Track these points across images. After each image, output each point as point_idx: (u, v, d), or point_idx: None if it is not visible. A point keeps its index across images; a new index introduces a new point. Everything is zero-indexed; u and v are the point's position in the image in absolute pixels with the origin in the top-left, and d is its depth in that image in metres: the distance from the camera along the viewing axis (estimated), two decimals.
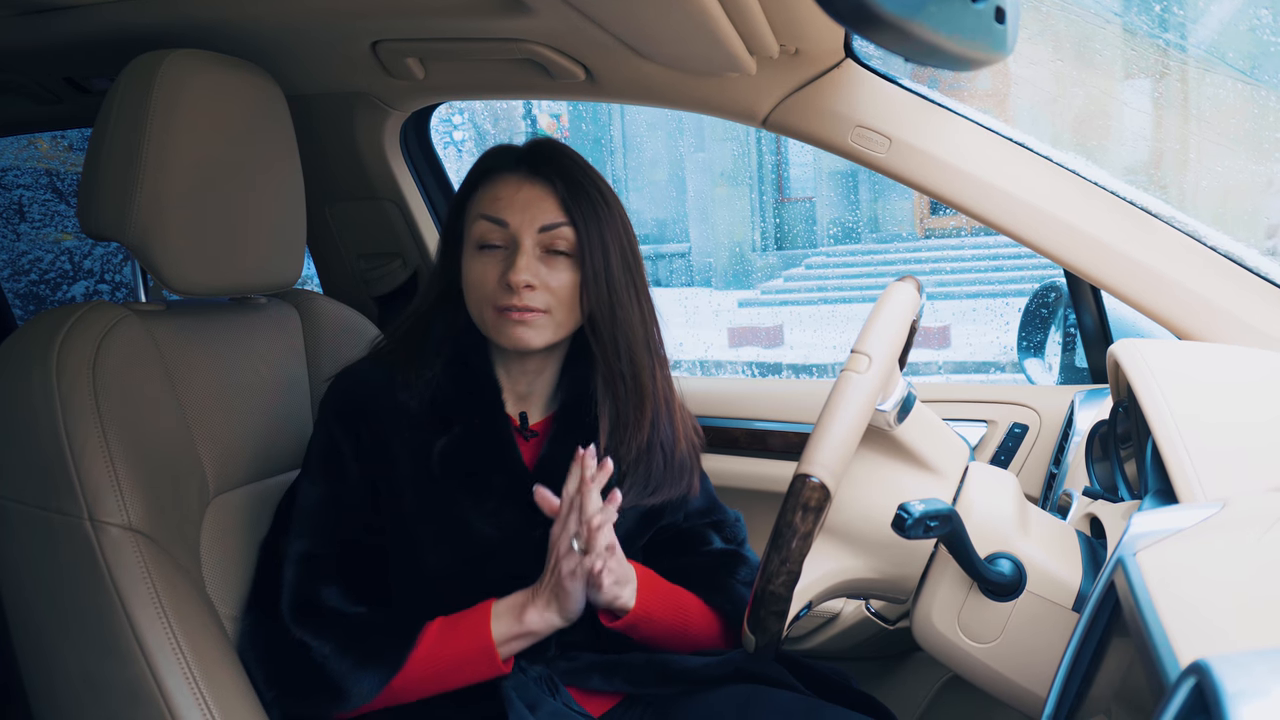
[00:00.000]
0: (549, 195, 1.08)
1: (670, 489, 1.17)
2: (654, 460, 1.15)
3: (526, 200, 1.07)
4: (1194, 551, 0.61)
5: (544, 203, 1.07)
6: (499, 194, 1.08)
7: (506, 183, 1.09)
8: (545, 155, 1.10)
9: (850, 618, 1.56)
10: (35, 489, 1.01)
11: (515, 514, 1.09)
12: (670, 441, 1.16)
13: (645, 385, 1.12)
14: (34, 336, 1.04)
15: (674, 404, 1.18)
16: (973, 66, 0.54)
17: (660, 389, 1.15)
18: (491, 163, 1.12)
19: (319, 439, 1.11)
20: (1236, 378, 1.01)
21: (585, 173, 1.11)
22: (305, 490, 1.11)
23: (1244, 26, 7.52)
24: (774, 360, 9.22)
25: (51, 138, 4.22)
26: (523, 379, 1.15)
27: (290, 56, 1.35)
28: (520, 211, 1.07)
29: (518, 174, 1.09)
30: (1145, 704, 0.52)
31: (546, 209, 1.07)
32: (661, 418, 1.15)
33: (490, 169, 1.11)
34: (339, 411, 1.10)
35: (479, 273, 1.08)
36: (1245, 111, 7.53)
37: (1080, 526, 0.98)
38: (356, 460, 1.09)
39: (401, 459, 1.09)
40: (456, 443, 1.09)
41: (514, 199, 1.07)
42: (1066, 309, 1.69)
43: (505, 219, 1.07)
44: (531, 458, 1.14)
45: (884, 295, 0.92)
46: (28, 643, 1.04)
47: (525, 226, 1.06)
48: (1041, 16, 6.17)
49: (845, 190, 12.03)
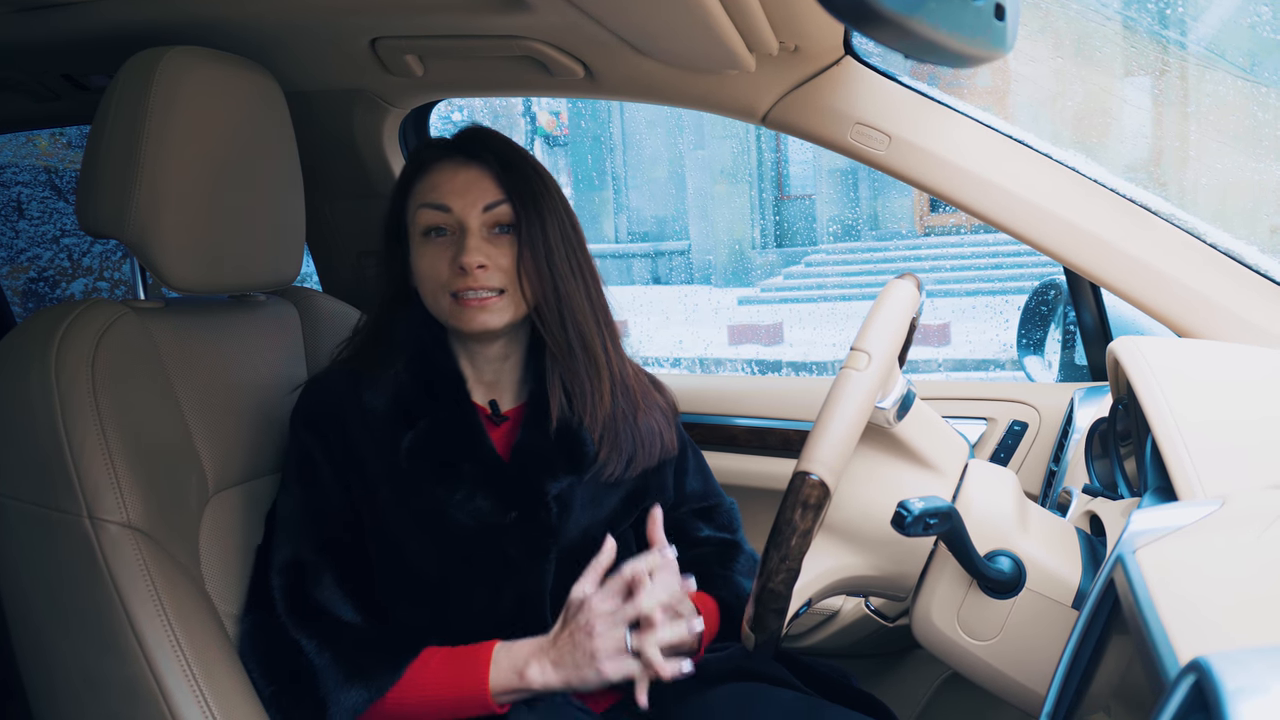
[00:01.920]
0: (486, 175, 1.09)
1: (646, 456, 1.18)
2: (621, 430, 1.15)
3: (466, 183, 1.09)
4: (1193, 549, 0.61)
5: (483, 183, 1.09)
6: (437, 182, 1.10)
7: (443, 170, 1.10)
8: (478, 139, 1.12)
9: (850, 615, 1.56)
10: (34, 487, 1.00)
11: (488, 500, 1.10)
12: (632, 409, 1.17)
13: (598, 356, 1.13)
14: (32, 334, 1.04)
15: (628, 373, 1.19)
16: (973, 63, 0.54)
17: (614, 359, 1.16)
18: (425, 155, 1.13)
19: (292, 449, 1.13)
20: (1236, 375, 1.01)
21: (518, 153, 1.13)
22: (283, 501, 1.12)
23: (1244, 23, 7.52)
24: (774, 358, 9.22)
25: (50, 135, 4.22)
26: (488, 367, 1.15)
27: (289, 53, 1.34)
28: (461, 195, 1.08)
29: (453, 160, 1.11)
30: (1144, 701, 0.52)
31: (486, 189, 1.09)
32: (618, 387, 1.16)
33: (424, 161, 1.13)
34: (307, 419, 1.12)
35: (429, 262, 1.09)
36: (1245, 109, 7.53)
37: (1080, 524, 0.98)
38: (329, 464, 1.10)
39: (371, 459, 1.09)
40: (423, 436, 1.10)
41: (453, 183, 1.09)
42: (1066, 306, 1.69)
43: (447, 203, 1.08)
44: (504, 444, 1.15)
45: (883, 293, 0.92)
46: (27, 641, 1.04)
47: (468, 208, 1.08)
48: (1041, 13, 6.17)
49: (845, 188, 12.03)
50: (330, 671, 1.03)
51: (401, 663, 1.05)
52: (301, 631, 1.05)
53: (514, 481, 1.11)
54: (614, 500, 1.17)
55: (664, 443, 1.20)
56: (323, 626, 1.06)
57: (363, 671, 1.03)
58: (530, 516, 1.10)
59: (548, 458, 1.12)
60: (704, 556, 1.24)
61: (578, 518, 1.14)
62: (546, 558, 1.12)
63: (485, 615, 1.10)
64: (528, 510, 1.10)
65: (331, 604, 1.07)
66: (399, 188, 1.14)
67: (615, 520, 1.18)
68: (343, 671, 1.03)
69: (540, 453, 1.12)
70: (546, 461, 1.12)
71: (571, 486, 1.13)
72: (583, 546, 1.14)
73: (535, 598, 1.12)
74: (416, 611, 1.10)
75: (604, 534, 1.16)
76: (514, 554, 1.10)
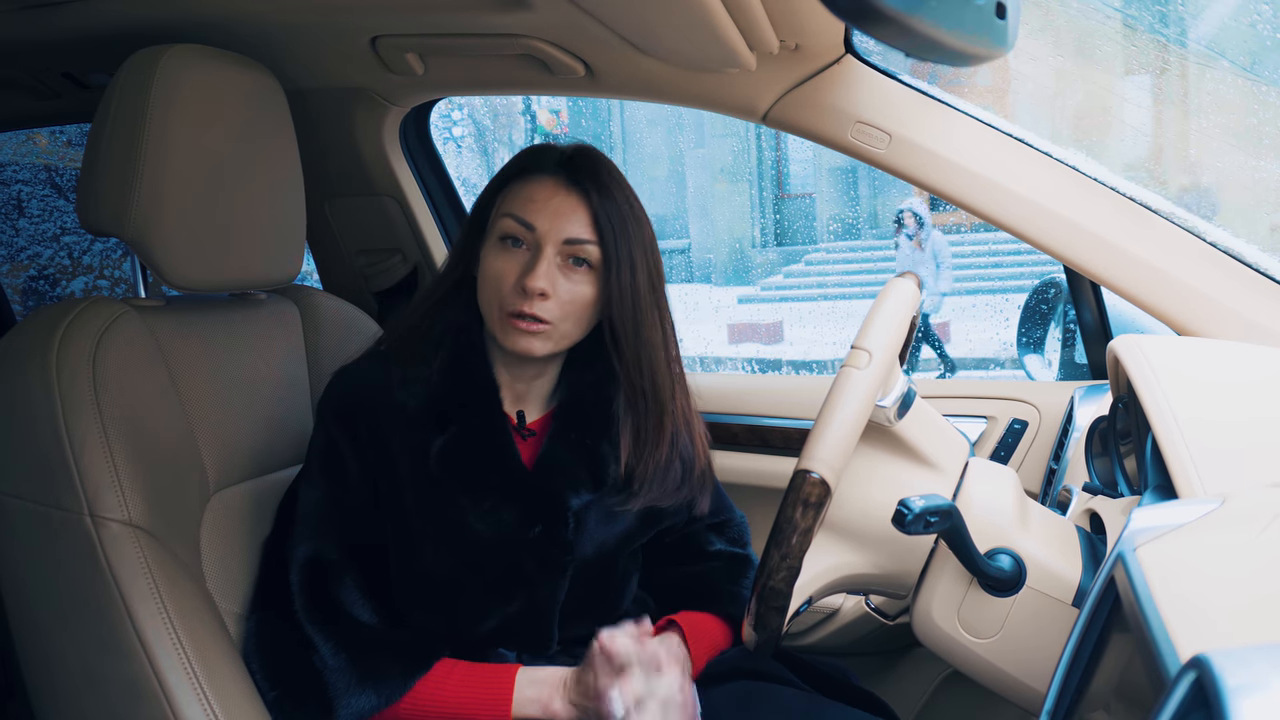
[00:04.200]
0: (581, 207, 1.05)
1: (680, 496, 1.16)
2: (670, 475, 1.14)
3: (558, 209, 1.05)
4: (1194, 547, 0.61)
5: (575, 214, 1.05)
6: (533, 195, 1.06)
7: (542, 185, 1.06)
8: (584, 165, 1.08)
9: (850, 613, 1.56)
10: (35, 485, 1.00)
11: (512, 513, 1.09)
12: (690, 456, 1.16)
13: (665, 403, 1.11)
14: (33, 332, 1.04)
15: (694, 423, 1.17)
16: (973, 62, 0.54)
17: (680, 407, 1.14)
18: (530, 161, 1.09)
19: (318, 439, 1.10)
20: (1236, 373, 1.01)
21: (620, 187, 1.09)
22: (305, 493, 1.09)
23: (1244, 22, 7.51)
24: (774, 356, 9.22)
25: (50, 133, 4.22)
26: (521, 380, 1.14)
27: (290, 52, 1.34)
28: (550, 219, 1.05)
29: (555, 179, 1.07)
30: (1145, 699, 0.52)
31: (576, 222, 1.05)
32: (681, 435, 1.14)
33: (527, 167, 1.09)
34: (337, 410, 1.09)
35: (498, 267, 1.06)
36: (1245, 107, 7.52)
37: (1080, 522, 0.98)
38: (356, 459, 1.08)
39: (400, 458, 1.08)
40: (454, 442, 1.08)
41: (546, 205, 1.05)
42: (1066, 305, 1.69)
43: (533, 223, 1.05)
44: (530, 456, 1.14)
45: (884, 291, 0.92)
46: (28, 639, 1.04)
47: (551, 234, 1.04)
48: (1042, 12, 6.17)
49: (845, 186, 12.03)
50: (344, 673, 1.02)
51: (414, 672, 1.04)
52: (319, 631, 1.04)
53: (538, 495, 1.09)
54: (629, 518, 1.16)
55: (703, 496, 1.20)
56: (340, 627, 1.05)
57: (375, 677, 1.03)
58: (551, 531, 1.09)
59: (571, 472, 1.11)
60: (714, 571, 1.24)
61: (593, 534, 1.13)
62: (562, 573, 1.11)
63: (493, 619, 1.10)
64: (550, 525, 1.09)
65: (350, 605, 1.06)
66: (495, 181, 1.11)
67: (629, 538, 1.17)
68: (355, 675, 1.02)
69: (564, 467, 1.11)
70: (570, 476, 1.11)
71: (590, 503, 1.12)
72: (597, 562, 1.14)
73: (546, 609, 1.11)
74: (426, 613, 1.09)
75: (618, 550, 1.16)
76: (530, 567, 1.09)
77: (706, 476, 1.20)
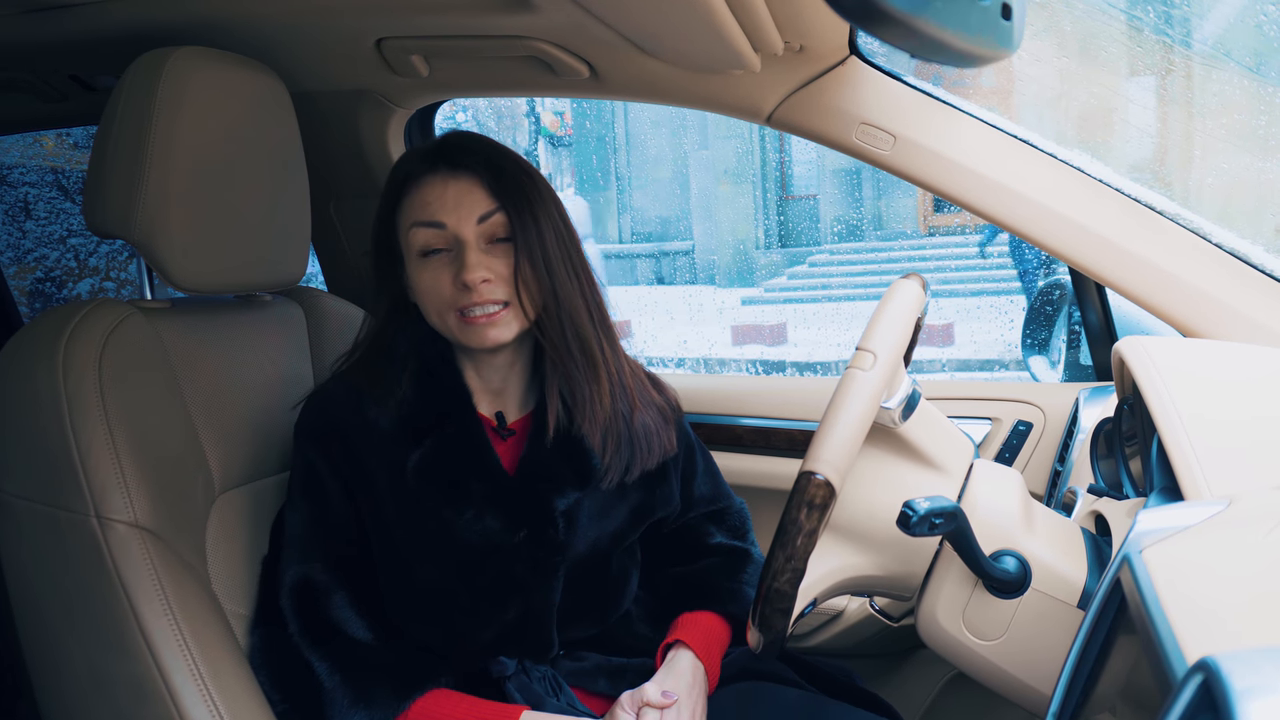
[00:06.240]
0: (476, 185, 1.05)
1: (644, 458, 1.14)
2: (619, 433, 1.12)
3: (456, 196, 1.05)
4: (1200, 549, 0.61)
5: (473, 194, 1.05)
6: (427, 198, 1.06)
7: (431, 184, 1.06)
8: (461, 147, 1.08)
9: (854, 615, 1.56)
10: (41, 486, 1.01)
11: (497, 519, 1.08)
12: (628, 409, 1.14)
13: (596, 359, 1.10)
14: (40, 334, 1.04)
15: (625, 374, 1.16)
16: (978, 63, 0.54)
17: (611, 361, 1.12)
18: (408, 169, 1.09)
19: (296, 463, 1.11)
20: (1242, 375, 1.01)
21: (505, 155, 1.09)
22: (290, 517, 1.10)
23: (1250, 22, 7.50)
24: (778, 358, 9.21)
25: (56, 135, 4.23)
26: (494, 375, 1.13)
27: (295, 54, 1.35)
28: (453, 209, 1.04)
29: (439, 172, 1.06)
30: (1151, 701, 0.52)
31: (478, 199, 1.05)
32: (615, 388, 1.13)
33: (408, 175, 1.08)
34: (311, 433, 1.10)
35: (430, 281, 1.05)
36: (1251, 108, 7.51)
37: (1085, 524, 0.98)
38: (334, 479, 1.08)
39: (377, 475, 1.08)
40: (430, 455, 1.08)
41: (444, 198, 1.05)
42: (1071, 306, 1.69)
43: (441, 220, 1.04)
44: (511, 459, 1.13)
45: (888, 293, 0.92)
46: (34, 639, 1.04)
47: (463, 222, 1.04)
48: (1047, 13, 6.16)
49: (849, 188, 12.01)
50: (339, 694, 1.02)
51: (408, 694, 1.04)
52: (314, 653, 1.04)
53: (522, 499, 1.09)
54: (621, 513, 1.16)
55: (662, 442, 1.17)
56: (335, 648, 1.05)
57: (368, 698, 1.03)
58: (538, 534, 1.09)
59: (555, 472, 1.10)
60: (712, 568, 1.23)
61: (585, 532, 1.12)
62: (555, 575, 1.11)
63: (491, 628, 1.09)
64: (536, 528, 1.08)
65: (344, 623, 1.06)
66: (386, 202, 1.09)
67: (623, 534, 1.17)
68: (350, 695, 1.02)
69: (547, 467, 1.10)
70: (553, 476, 1.10)
71: (579, 501, 1.11)
72: (590, 560, 1.13)
73: (542, 612, 1.11)
74: (422, 626, 1.09)
75: (612, 548, 1.15)
76: (522, 572, 1.09)
77: (656, 422, 1.18)
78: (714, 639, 1.16)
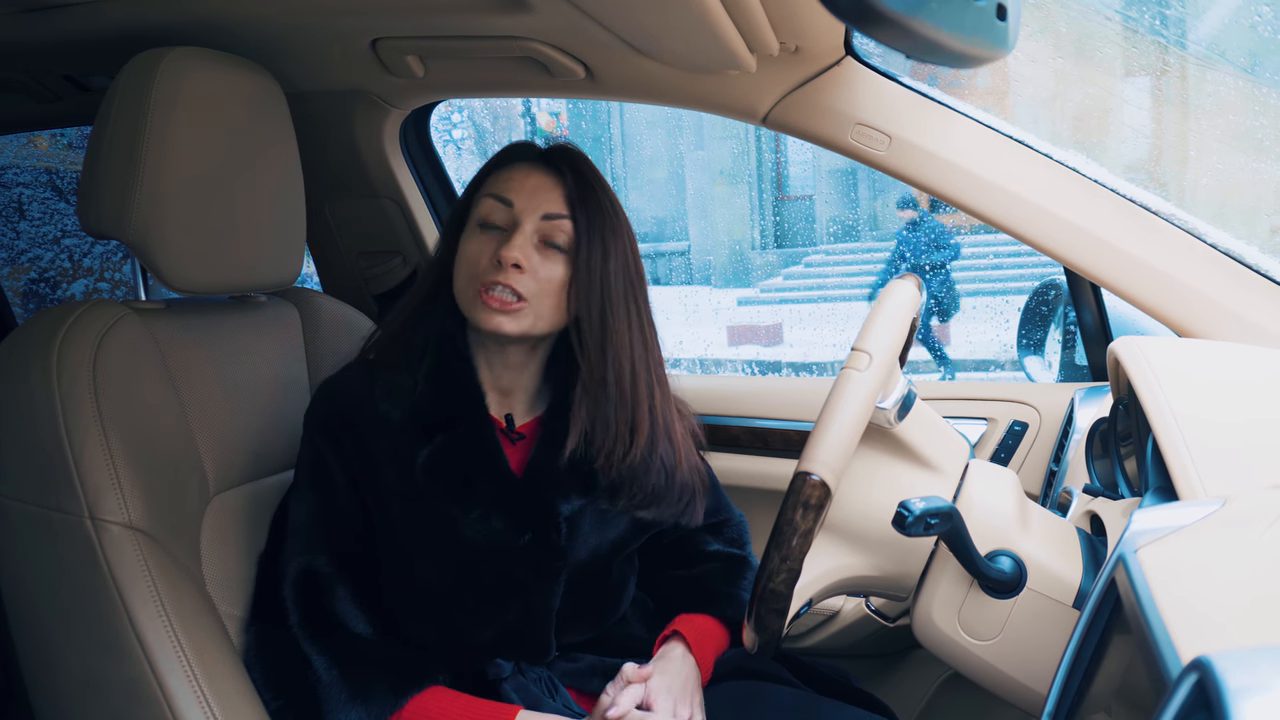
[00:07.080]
0: (557, 186, 1.08)
1: (668, 509, 1.15)
2: (652, 478, 1.12)
3: (535, 186, 1.08)
4: (1195, 548, 0.61)
5: (551, 192, 1.08)
6: (511, 176, 1.09)
7: (520, 168, 1.10)
8: (564, 153, 1.12)
9: (850, 615, 1.56)
10: (35, 487, 1.01)
11: (502, 520, 1.08)
12: (671, 462, 1.14)
13: (641, 404, 1.10)
14: (34, 335, 1.04)
15: (675, 429, 1.15)
16: (974, 63, 0.54)
17: (659, 412, 1.12)
18: (509, 154, 1.13)
19: (305, 453, 1.11)
20: (1237, 375, 1.01)
21: (599, 180, 1.11)
22: (295, 507, 1.10)
23: (1244, 23, 7.52)
24: (773, 358, 9.22)
25: (51, 136, 4.22)
26: (505, 374, 1.13)
27: (290, 54, 1.34)
28: (528, 195, 1.07)
29: (533, 162, 1.10)
30: (1146, 701, 0.52)
31: (552, 198, 1.07)
32: (660, 439, 1.13)
33: (507, 158, 1.12)
34: (321, 423, 1.10)
35: (474, 250, 1.07)
36: (1246, 108, 7.53)
37: (1080, 524, 0.98)
38: (343, 471, 1.08)
39: (386, 469, 1.08)
40: (440, 451, 1.08)
41: (524, 183, 1.08)
42: (1066, 307, 1.69)
43: (511, 198, 1.07)
44: (519, 462, 1.13)
45: (884, 293, 0.92)
46: (28, 641, 1.04)
47: (529, 210, 1.06)
48: (1042, 14, 6.17)
49: (845, 188, 12.03)
50: (335, 688, 1.02)
51: (405, 691, 1.04)
52: (314, 646, 1.04)
53: (528, 501, 1.09)
54: (624, 523, 1.15)
55: (690, 508, 1.17)
56: (335, 641, 1.05)
57: (365, 694, 1.02)
58: (542, 538, 1.09)
59: (560, 478, 1.10)
60: (711, 573, 1.23)
61: (586, 539, 1.12)
62: (556, 579, 1.10)
63: (490, 628, 1.09)
64: (540, 532, 1.09)
65: (346, 616, 1.06)
66: (478, 175, 1.13)
67: (624, 542, 1.16)
68: (347, 690, 1.02)
69: (553, 472, 1.10)
70: (559, 482, 1.10)
71: (583, 508, 1.11)
72: (591, 566, 1.13)
73: (542, 615, 1.11)
74: (422, 624, 1.09)
75: (612, 555, 1.15)
76: (523, 574, 1.09)
77: (698, 487, 1.19)
78: (709, 638, 1.16)
